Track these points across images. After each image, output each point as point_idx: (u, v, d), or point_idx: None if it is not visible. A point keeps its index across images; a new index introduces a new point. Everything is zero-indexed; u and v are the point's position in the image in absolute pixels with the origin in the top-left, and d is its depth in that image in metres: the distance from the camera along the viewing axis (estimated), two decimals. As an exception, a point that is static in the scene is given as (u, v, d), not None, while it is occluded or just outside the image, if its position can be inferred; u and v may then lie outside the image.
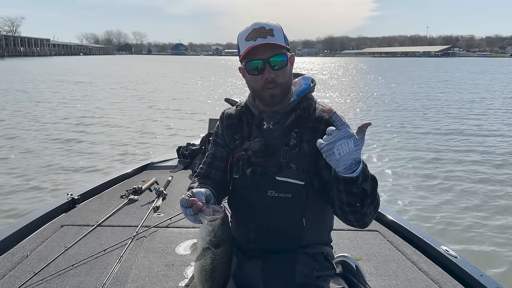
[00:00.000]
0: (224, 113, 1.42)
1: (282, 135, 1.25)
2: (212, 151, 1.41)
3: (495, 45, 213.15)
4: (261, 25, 1.19)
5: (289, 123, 1.25)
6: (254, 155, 1.26)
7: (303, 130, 1.24)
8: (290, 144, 1.24)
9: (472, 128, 10.26)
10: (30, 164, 6.66)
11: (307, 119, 1.25)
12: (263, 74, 1.19)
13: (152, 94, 18.62)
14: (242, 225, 1.33)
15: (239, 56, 1.23)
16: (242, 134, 1.33)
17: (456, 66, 62.64)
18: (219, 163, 1.37)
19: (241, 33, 1.22)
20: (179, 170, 3.78)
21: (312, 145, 1.19)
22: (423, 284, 1.91)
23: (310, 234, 1.28)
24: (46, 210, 2.61)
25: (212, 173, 1.37)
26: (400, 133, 9.55)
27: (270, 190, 1.24)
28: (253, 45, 1.16)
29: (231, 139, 1.35)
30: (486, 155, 7.48)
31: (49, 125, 10.13)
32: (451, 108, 14.12)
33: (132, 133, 9.40)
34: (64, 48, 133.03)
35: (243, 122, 1.34)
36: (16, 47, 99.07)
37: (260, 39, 1.16)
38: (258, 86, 1.21)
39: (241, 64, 1.25)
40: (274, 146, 1.24)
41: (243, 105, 1.36)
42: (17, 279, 1.88)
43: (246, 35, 1.19)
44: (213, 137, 1.43)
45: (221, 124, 1.40)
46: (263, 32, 1.17)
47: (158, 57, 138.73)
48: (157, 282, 1.90)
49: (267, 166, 1.24)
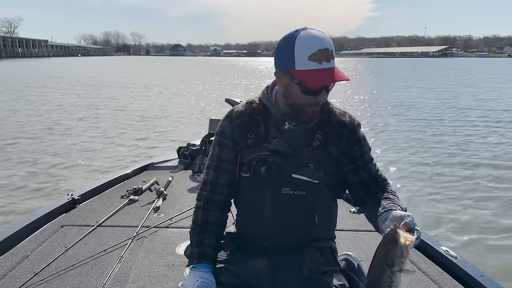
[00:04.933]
0: (234, 111, 1.35)
1: (304, 136, 1.26)
2: (217, 153, 1.35)
3: (493, 46, 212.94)
4: (325, 45, 1.14)
5: (312, 125, 1.26)
6: (278, 156, 1.25)
7: (327, 132, 1.26)
8: (314, 144, 1.25)
9: (472, 128, 10.26)
10: (31, 164, 6.66)
11: (329, 122, 1.27)
12: (317, 97, 1.19)
13: (152, 94, 18.63)
14: (252, 223, 1.32)
15: (286, 65, 1.17)
16: (257, 133, 1.29)
17: (456, 66, 62.59)
18: (227, 166, 1.33)
19: (300, 45, 1.14)
20: (180, 171, 3.78)
21: (339, 149, 1.26)
22: (423, 285, 1.92)
23: (320, 229, 1.31)
24: (46, 210, 2.61)
25: (221, 178, 1.34)
26: (400, 133, 9.56)
27: (284, 188, 1.25)
28: (321, 70, 1.14)
29: (242, 139, 1.31)
30: (487, 155, 7.48)
31: (49, 125, 10.14)
32: (451, 107, 14.12)
33: (132, 133, 9.41)
34: (62, 49, 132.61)
35: (257, 120, 1.30)
36: (14, 48, 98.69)
37: (325, 63, 1.14)
38: (304, 104, 1.20)
39: (285, 72, 1.19)
40: (299, 148, 1.25)
41: (256, 103, 1.33)
42: (17, 279, 1.89)
43: (309, 52, 1.13)
44: (218, 138, 1.36)
45: (230, 124, 1.33)
46: (328, 56, 1.14)
47: (157, 58, 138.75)
48: (157, 283, 1.90)
49: (285, 165, 1.25)
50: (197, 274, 1.21)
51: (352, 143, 1.27)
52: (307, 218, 1.28)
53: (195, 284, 1.18)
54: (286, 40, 1.18)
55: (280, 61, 1.20)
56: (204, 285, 1.18)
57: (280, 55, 1.20)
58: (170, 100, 16.27)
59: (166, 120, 11.29)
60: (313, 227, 1.29)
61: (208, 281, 1.20)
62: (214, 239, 1.31)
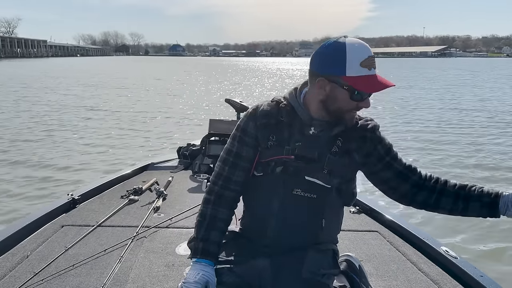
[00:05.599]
0: (259, 110, 1.32)
1: (328, 142, 1.27)
2: (236, 149, 1.32)
3: (491, 45, 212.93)
4: (372, 52, 1.20)
5: (336, 132, 1.27)
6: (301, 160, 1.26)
7: (350, 139, 1.28)
8: (332, 150, 1.27)
9: (473, 128, 10.26)
10: (31, 164, 6.67)
11: (351, 129, 1.28)
12: (362, 102, 1.21)
13: (152, 94, 18.63)
14: (259, 220, 1.32)
15: (335, 70, 1.18)
16: (279, 135, 1.28)
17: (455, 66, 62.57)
18: (244, 164, 1.32)
19: (352, 51, 1.17)
20: (180, 171, 3.78)
21: (363, 152, 1.30)
22: (423, 285, 1.91)
23: (326, 233, 1.32)
24: (46, 210, 2.61)
25: (236, 175, 1.33)
26: (399, 133, 9.56)
27: (296, 189, 1.26)
28: (372, 76, 1.19)
29: (264, 139, 1.29)
30: (487, 154, 7.48)
31: (49, 125, 10.14)
32: (453, 106, 14.12)
33: (133, 133, 9.41)
34: (61, 49, 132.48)
35: (282, 123, 1.29)
36: (12, 48, 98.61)
37: (373, 69, 1.19)
38: (348, 108, 1.23)
39: (332, 77, 1.19)
40: (322, 154, 1.27)
41: (284, 103, 1.31)
42: (17, 279, 1.89)
43: (360, 58, 1.17)
44: (239, 134, 1.33)
45: (254, 122, 1.31)
46: (374, 62, 1.20)
47: (156, 58, 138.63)
48: (157, 283, 1.90)
49: (303, 169, 1.26)
50: (198, 268, 1.25)
51: (376, 143, 1.31)
52: (314, 220, 1.29)
53: (196, 277, 1.21)
54: (333, 47, 1.19)
55: (325, 67, 1.20)
56: (204, 278, 1.22)
57: (325, 62, 1.21)
58: (170, 100, 16.27)
59: (166, 120, 11.29)
60: (320, 230, 1.30)
61: (209, 274, 1.23)
62: (219, 236, 1.33)
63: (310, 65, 1.25)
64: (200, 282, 1.20)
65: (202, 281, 1.21)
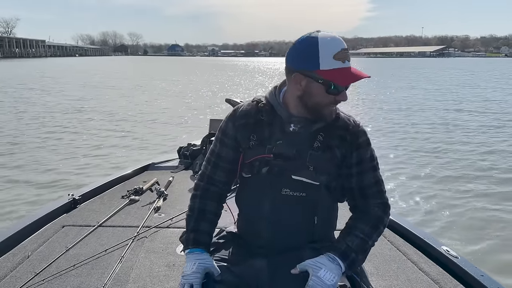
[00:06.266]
0: (238, 110, 1.34)
1: (309, 138, 1.26)
2: (217, 150, 1.37)
3: (489, 45, 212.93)
4: (345, 45, 1.19)
5: (317, 127, 1.26)
6: (280, 158, 1.26)
7: (331, 135, 1.26)
8: (314, 146, 1.25)
9: (474, 127, 10.26)
10: (31, 164, 6.67)
11: (333, 125, 1.27)
12: (339, 95, 1.20)
13: (152, 94, 18.63)
14: (252, 222, 1.33)
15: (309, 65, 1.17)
16: (260, 134, 1.29)
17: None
18: (224, 165, 1.35)
19: (325, 45, 1.16)
20: (180, 171, 3.78)
21: (342, 152, 1.26)
22: (423, 284, 1.92)
23: (320, 231, 1.31)
24: (47, 210, 2.62)
25: (217, 175, 1.37)
26: (399, 133, 9.56)
27: (284, 189, 1.25)
28: (346, 68, 1.17)
29: (244, 139, 1.30)
30: (488, 154, 7.48)
31: (49, 125, 10.15)
32: (452, 106, 14.12)
33: (133, 133, 9.41)
34: (60, 49, 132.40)
35: (262, 122, 1.29)
36: (11, 48, 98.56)
37: (347, 62, 1.18)
38: (326, 103, 1.21)
39: (306, 72, 1.18)
40: (303, 150, 1.25)
41: (263, 102, 1.31)
42: (18, 280, 1.89)
43: (333, 51, 1.15)
44: (219, 135, 1.36)
45: (232, 123, 1.33)
46: (348, 55, 1.18)
47: (154, 58, 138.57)
48: (158, 283, 1.90)
49: (287, 167, 1.25)
50: (193, 258, 1.25)
51: (352, 149, 1.27)
52: (307, 219, 1.28)
53: (193, 268, 1.21)
54: (307, 42, 1.18)
55: (299, 63, 1.20)
56: (201, 266, 1.21)
57: (299, 57, 1.20)
58: (170, 100, 16.27)
59: (166, 120, 11.29)
60: (313, 228, 1.29)
61: (204, 260, 1.23)
62: (209, 226, 1.34)
63: (286, 61, 1.25)
64: (198, 271, 1.20)
65: (200, 269, 1.20)
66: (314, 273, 1.14)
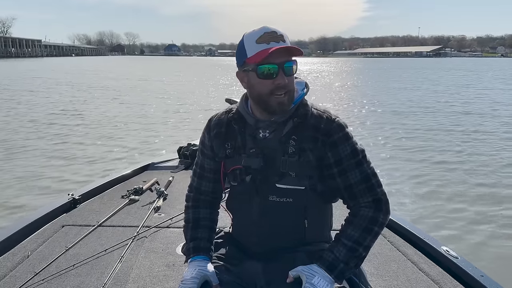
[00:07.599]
0: (212, 121, 1.35)
1: (280, 143, 1.23)
2: (200, 161, 1.39)
3: (486, 45, 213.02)
4: (271, 29, 1.15)
5: (287, 131, 1.22)
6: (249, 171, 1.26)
7: (302, 137, 1.21)
8: (289, 152, 1.21)
9: (474, 127, 10.25)
10: (31, 164, 6.67)
11: (304, 126, 1.22)
12: (275, 79, 1.14)
13: (152, 94, 18.63)
14: (243, 229, 1.34)
15: (241, 59, 1.19)
16: (233, 143, 1.28)
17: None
18: (208, 175, 1.37)
19: (248, 35, 1.17)
20: (180, 171, 3.78)
21: (316, 154, 1.21)
22: (423, 285, 1.91)
23: (313, 233, 1.30)
24: (47, 210, 2.61)
25: (203, 185, 1.39)
26: (399, 133, 9.55)
27: (271, 196, 1.25)
28: (268, 48, 1.11)
29: (220, 149, 1.31)
30: (488, 155, 7.47)
31: (50, 125, 10.15)
32: (452, 107, 14.11)
33: (133, 133, 9.41)
34: (56, 49, 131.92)
35: (234, 130, 1.28)
36: (7, 48, 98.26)
37: (274, 43, 1.13)
38: (266, 91, 1.16)
39: (242, 67, 1.20)
40: (272, 158, 1.23)
41: (233, 112, 1.30)
42: (18, 279, 1.89)
43: (256, 37, 1.14)
44: (200, 146, 1.39)
45: (208, 135, 1.34)
46: (276, 37, 1.13)
47: (151, 58, 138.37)
48: (158, 283, 1.90)
49: (267, 175, 1.24)
50: (193, 265, 1.25)
51: (326, 149, 1.20)
52: (297, 223, 1.27)
53: (193, 273, 1.21)
54: (239, 42, 1.21)
55: (237, 62, 1.22)
56: (201, 272, 1.22)
57: (236, 57, 1.22)
58: (170, 100, 16.27)
59: (166, 120, 11.30)
60: (304, 231, 1.28)
61: (205, 268, 1.23)
62: (207, 232, 1.35)
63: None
64: (197, 277, 1.20)
65: (199, 275, 1.20)
66: (308, 280, 1.13)
